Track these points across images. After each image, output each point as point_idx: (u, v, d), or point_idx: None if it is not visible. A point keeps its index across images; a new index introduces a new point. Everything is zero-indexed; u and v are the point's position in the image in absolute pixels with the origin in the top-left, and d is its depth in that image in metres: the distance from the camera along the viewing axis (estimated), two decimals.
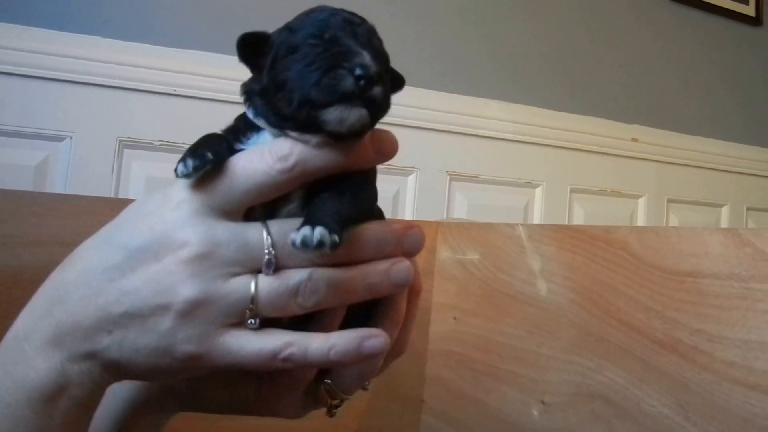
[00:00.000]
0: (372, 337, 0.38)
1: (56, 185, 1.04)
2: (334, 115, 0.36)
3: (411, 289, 0.43)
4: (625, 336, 0.66)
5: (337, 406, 0.45)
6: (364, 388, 0.45)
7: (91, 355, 0.37)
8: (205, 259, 0.36)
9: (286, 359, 0.37)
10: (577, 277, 0.73)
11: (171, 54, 1.11)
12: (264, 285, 0.37)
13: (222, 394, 0.43)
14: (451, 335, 0.87)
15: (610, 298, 0.69)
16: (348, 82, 0.35)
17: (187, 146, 0.39)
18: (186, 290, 0.36)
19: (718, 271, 0.59)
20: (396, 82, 0.42)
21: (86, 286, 0.37)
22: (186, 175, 0.36)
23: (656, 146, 1.67)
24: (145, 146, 1.09)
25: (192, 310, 0.36)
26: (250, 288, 0.37)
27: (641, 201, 1.67)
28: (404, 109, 1.30)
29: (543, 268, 0.77)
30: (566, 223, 1.50)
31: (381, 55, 0.38)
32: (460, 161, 1.39)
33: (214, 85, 1.12)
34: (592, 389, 0.69)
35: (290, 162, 0.37)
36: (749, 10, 1.89)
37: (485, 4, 1.47)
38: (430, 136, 1.35)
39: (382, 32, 0.42)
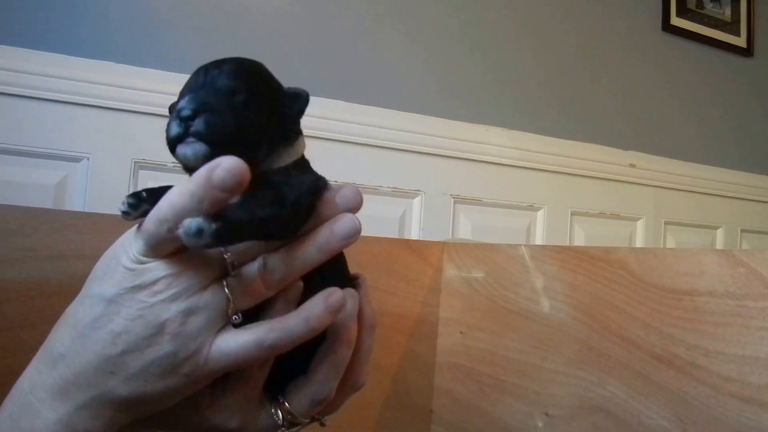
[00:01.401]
0: (331, 294, 0.41)
1: (75, 204, 1.06)
2: (178, 156, 0.39)
3: (365, 323, 0.45)
4: (625, 351, 0.67)
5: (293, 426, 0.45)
6: (322, 424, 0.47)
7: (99, 399, 0.38)
8: (176, 283, 0.38)
9: (273, 346, 0.39)
10: (578, 295, 0.73)
11: (181, 80, 1.13)
12: (233, 283, 0.39)
13: (181, 410, 0.42)
14: (458, 349, 0.88)
15: (610, 314, 0.69)
16: (171, 129, 0.39)
17: None
18: (171, 312, 0.38)
19: (713, 289, 0.60)
20: (294, 101, 0.44)
21: (79, 339, 0.38)
22: (125, 213, 0.40)
23: (653, 172, 1.68)
24: (159, 168, 1.11)
25: (182, 326, 0.38)
26: (224, 290, 0.39)
27: (639, 223, 1.68)
28: (409, 135, 1.33)
29: (546, 286, 0.77)
30: (567, 245, 1.51)
31: (217, 91, 0.41)
32: (463, 185, 1.41)
33: None
34: (593, 402, 0.70)
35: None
36: (741, 41, 1.92)
37: (487, 34, 1.49)
38: (434, 161, 1.37)
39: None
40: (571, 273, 0.75)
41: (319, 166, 0.45)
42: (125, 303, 0.38)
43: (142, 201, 0.41)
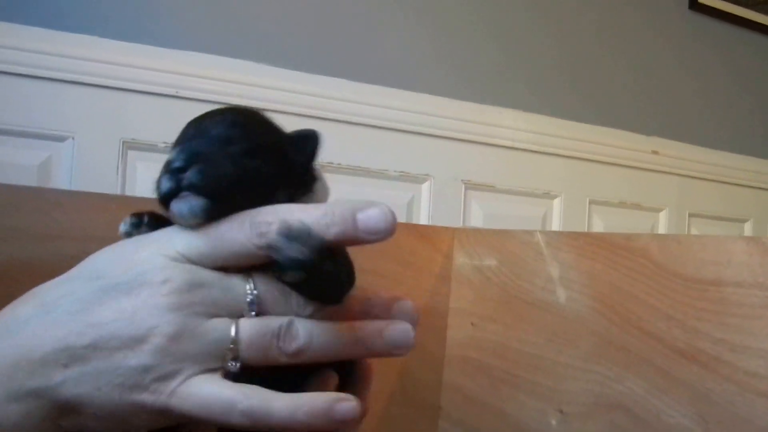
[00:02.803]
0: (343, 401, 0.36)
1: (60, 186, 1.05)
2: (174, 214, 0.37)
3: (368, 378, 0.43)
4: (645, 345, 0.66)
5: None
6: None
7: (38, 393, 0.34)
8: (186, 295, 0.35)
9: (245, 413, 0.35)
10: (596, 284, 0.72)
11: (172, 55, 1.12)
12: (245, 326, 0.36)
13: None
14: (468, 341, 0.87)
15: (630, 306, 0.68)
16: (162, 183, 0.37)
17: None
18: (166, 323, 0.34)
19: (741, 279, 0.58)
20: (303, 144, 0.42)
21: (42, 319, 0.35)
22: (127, 234, 0.39)
23: (677, 159, 1.66)
24: (149, 148, 1.09)
25: (170, 344, 0.34)
26: (230, 328, 0.36)
27: (662, 214, 1.66)
28: (418, 116, 1.31)
29: (562, 276, 0.76)
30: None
31: (210, 140, 0.38)
32: (475, 170, 1.39)
33: (216, 87, 1.12)
34: (611, 399, 0.69)
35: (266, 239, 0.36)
36: None
37: (501, 12, 1.47)
38: (444, 145, 1.35)
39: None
40: (590, 261, 0.73)
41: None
42: (116, 295, 0.35)
43: (143, 225, 0.39)
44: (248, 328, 0.36)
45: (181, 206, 0.36)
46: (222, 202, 0.36)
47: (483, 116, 1.40)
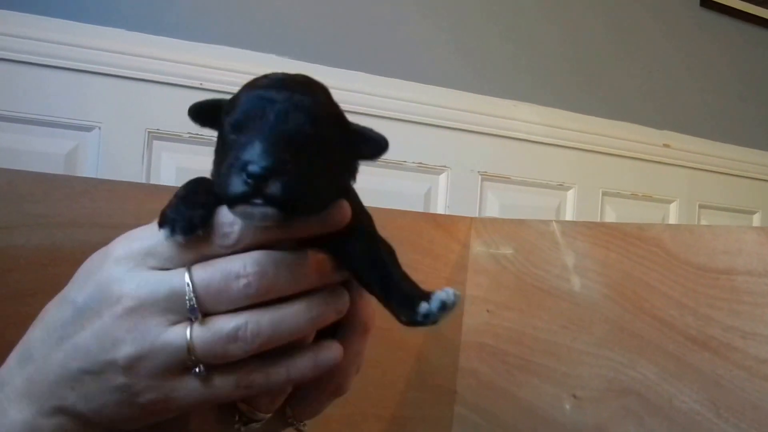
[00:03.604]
0: (325, 349, 0.38)
1: (87, 174, 1.05)
2: (240, 213, 0.35)
3: (356, 325, 0.42)
4: (657, 332, 0.66)
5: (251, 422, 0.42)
6: (299, 430, 0.44)
7: (60, 410, 0.36)
8: (139, 312, 0.35)
9: (248, 386, 0.37)
10: (610, 273, 0.72)
11: (196, 48, 1.13)
12: (198, 333, 0.35)
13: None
14: (484, 328, 0.87)
15: (643, 294, 0.68)
16: (236, 186, 0.33)
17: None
18: (125, 347, 0.35)
19: (752, 268, 0.58)
20: (371, 146, 0.39)
21: (48, 343, 0.37)
22: (169, 239, 0.36)
23: (688, 153, 1.65)
24: (174, 138, 1.10)
25: (135, 364, 0.35)
26: (185, 337, 0.35)
27: (673, 206, 1.66)
28: (434, 108, 1.31)
29: (576, 264, 0.76)
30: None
31: (291, 140, 0.35)
32: (491, 162, 1.39)
33: (238, 79, 1.10)
34: (624, 384, 0.69)
35: (232, 239, 0.36)
36: None
37: (517, 8, 1.47)
38: (461, 137, 1.35)
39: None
40: (603, 250, 0.73)
41: None
42: (92, 317, 0.36)
43: (195, 230, 0.36)
44: (200, 335, 0.35)
45: (254, 212, 0.34)
46: (294, 214, 0.35)
47: (499, 109, 1.40)
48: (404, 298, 0.38)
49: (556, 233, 0.79)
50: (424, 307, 0.36)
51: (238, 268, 0.36)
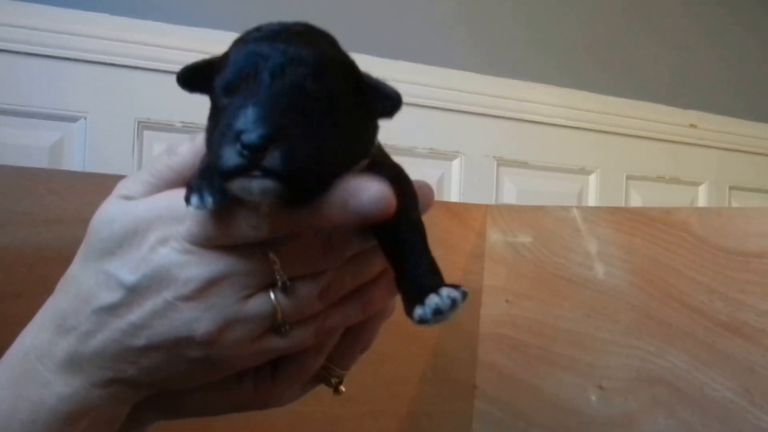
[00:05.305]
0: (382, 277, 0.39)
1: (74, 166, 1.02)
2: (237, 188, 0.31)
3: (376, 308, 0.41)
4: (687, 319, 0.66)
5: (339, 383, 0.43)
6: (337, 391, 0.43)
7: (115, 381, 0.36)
8: (212, 291, 0.34)
9: (327, 329, 0.38)
10: (636, 259, 0.72)
11: (187, 33, 1.09)
12: (284, 299, 0.35)
13: (211, 396, 0.41)
14: (503, 319, 0.87)
15: (671, 280, 0.68)
16: (230, 158, 0.30)
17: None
18: (203, 324, 0.34)
19: None
20: (384, 104, 0.35)
21: (94, 319, 0.36)
22: (200, 209, 0.33)
23: (716, 132, 1.62)
24: (166, 128, 1.07)
25: (215, 339, 0.35)
26: (271, 304, 0.35)
27: (701, 188, 1.63)
28: (446, 92, 1.28)
29: (600, 251, 0.76)
30: None
31: (291, 97, 0.31)
32: (507, 147, 1.36)
33: None
34: (652, 373, 0.69)
35: (263, 230, 0.34)
36: None
37: None
38: (474, 120, 1.32)
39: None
40: (628, 236, 0.73)
41: None
42: (149, 297, 0.35)
43: (225, 200, 0.32)
44: (286, 301, 0.35)
45: (251, 185, 0.30)
46: (298, 186, 0.31)
47: (514, 91, 1.37)
48: (410, 291, 0.35)
49: (577, 219, 0.79)
50: (418, 312, 0.34)
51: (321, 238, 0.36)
